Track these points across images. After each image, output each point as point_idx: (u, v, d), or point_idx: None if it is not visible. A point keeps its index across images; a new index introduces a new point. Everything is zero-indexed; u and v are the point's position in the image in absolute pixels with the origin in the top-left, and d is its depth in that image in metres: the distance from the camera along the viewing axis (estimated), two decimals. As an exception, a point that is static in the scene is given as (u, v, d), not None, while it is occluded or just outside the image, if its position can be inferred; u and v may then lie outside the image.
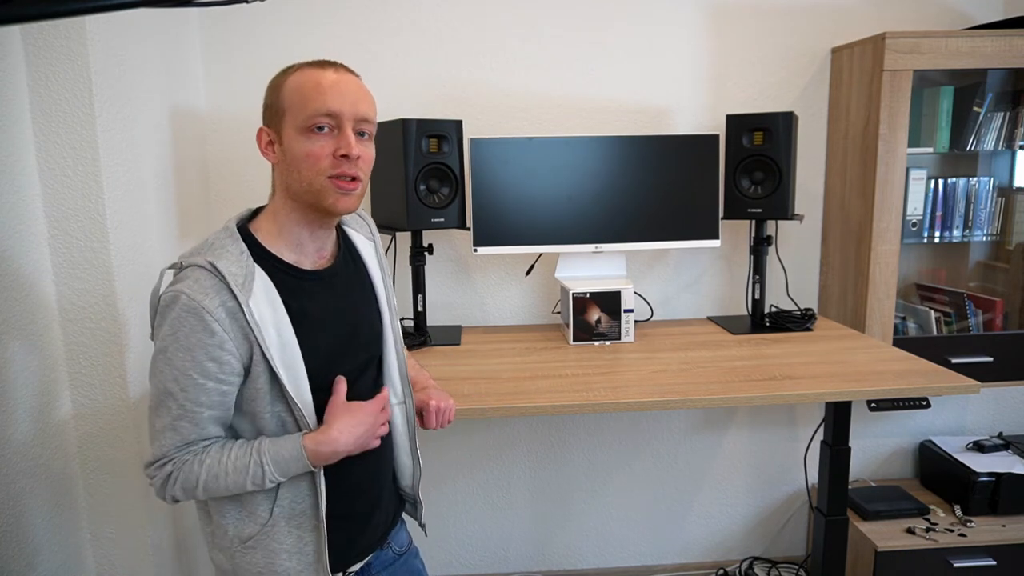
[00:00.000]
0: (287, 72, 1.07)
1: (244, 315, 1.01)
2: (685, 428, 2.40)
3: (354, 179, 1.06)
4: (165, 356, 1.00)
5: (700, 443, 2.41)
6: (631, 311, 1.98)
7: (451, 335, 2.08)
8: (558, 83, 2.18)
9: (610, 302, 1.96)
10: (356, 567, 1.19)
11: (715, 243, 2.07)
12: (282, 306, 1.06)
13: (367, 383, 1.19)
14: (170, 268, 1.05)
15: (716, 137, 2.04)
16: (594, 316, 1.96)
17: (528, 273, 2.27)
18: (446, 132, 1.92)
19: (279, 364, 1.04)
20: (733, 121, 2.03)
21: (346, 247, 1.21)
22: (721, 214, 2.10)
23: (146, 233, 1.69)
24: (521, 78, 2.17)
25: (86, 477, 1.59)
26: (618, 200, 2.03)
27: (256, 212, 1.15)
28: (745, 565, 2.48)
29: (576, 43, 2.17)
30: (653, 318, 2.31)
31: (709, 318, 2.29)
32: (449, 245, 2.24)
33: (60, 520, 1.51)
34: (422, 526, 1.34)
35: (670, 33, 2.18)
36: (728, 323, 2.17)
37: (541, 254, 2.23)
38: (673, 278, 2.33)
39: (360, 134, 1.07)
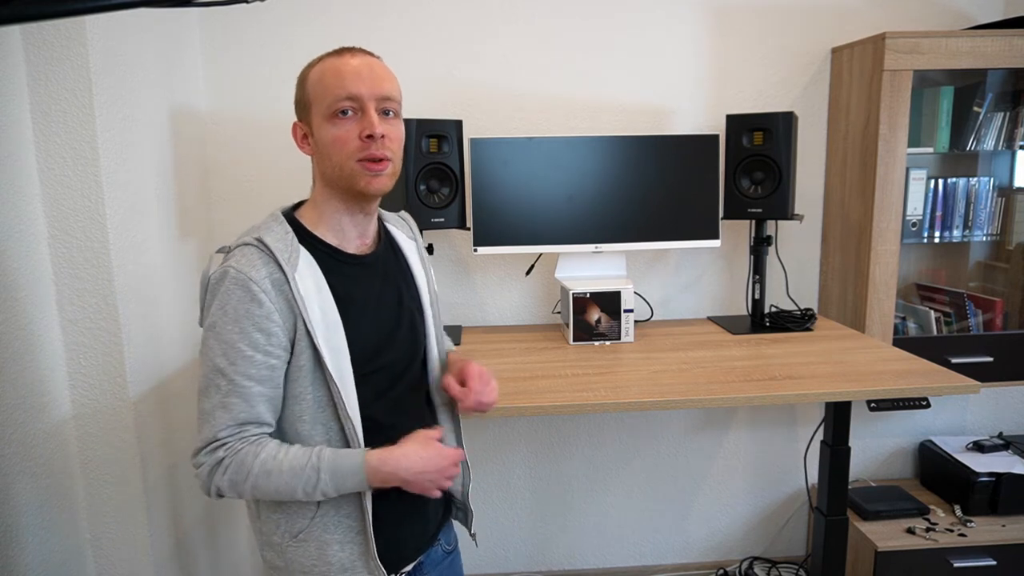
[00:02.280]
0: (310, 66, 1.10)
1: (290, 287, 1.03)
2: (685, 428, 2.40)
3: (382, 160, 1.06)
4: (214, 332, 1.01)
5: (700, 443, 2.41)
6: (631, 311, 1.98)
7: (451, 335, 2.08)
8: (558, 83, 2.18)
9: (610, 302, 1.96)
10: (408, 567, 1.18)
11: (715, 243, 2.07)
12: (326, 286, 1.07)
13: (412, 379, 1.19)
14: (219, 251, 1.08)
15: (716, 137, 2.04)
16: (594, 316, 1.96)
17: (528, 273, 2.27)
18: (446, 132, 1.92)
19: (322, 343, 1.04)
20: (733, 121, 2.03)
21: (387, 239, 1.22)
22: (721, 214, 2.10)
23: (146, 233, 1.69)
24: (521, 78, 2.17)
25: (86, 477, 1.59)
26: (618, 200, 2.03)
27: (299, 205, 1.17)
28: (745, 565, 2.48)
29: (576, 43, 2.17)
30: (653, 318, 2.31)
31: (709, 318, 2.29)
32: (449, 245, 2.24)
33: (60, 520, 1.51)
34: (472, 536, 1.32)
35: (670, 33, 2.18)
36: (728, 323, 2.17)
37: (541, 254, 2.23)
38: (673, 278, 2.33)
39: (385, 113, 1.07)
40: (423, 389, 1.25)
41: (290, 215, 1.12)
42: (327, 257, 1.10)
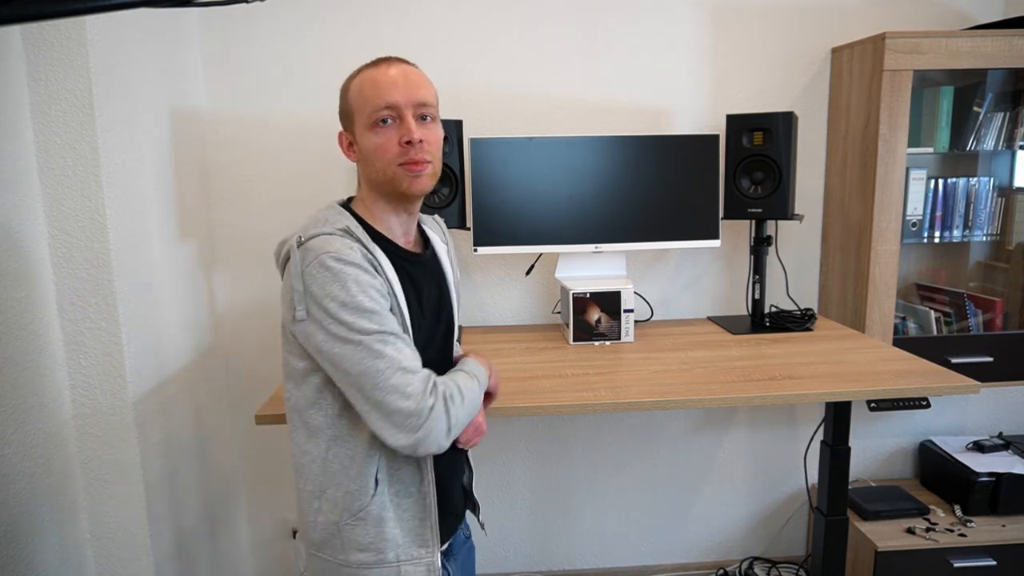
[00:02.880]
0: (351, 77, 1.15)
1: (383, 270, 1.07)
2: (685, 428, 2.40)
3: (421, 162, 1.11)
4: (347, 308, 1.01)
5: (700, 443, 2.41)
6: (631, 311, 1.98)
7: (451, 335, 2.08)
8: (558, 83, 2.18)
9: (610, 302, 1.96)
10: (444, 546, 1.24)
11: (715, 243, 2.07)
12: (396, 277, 1.11)
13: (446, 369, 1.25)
14: (294, 243, 1.06)
15: (716, 137, 2.04)
16: (594, 316, 1.96)
17: (528, 273, 2.27)
18: (446, 132, 1.90)
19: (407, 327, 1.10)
20: (733, 121, 2.03)
21: (425, 240, 1.27)
22: (721, 214, 2.10)
23: (146, 233, 1.70)
24: (521, 78, 2.17)
25: (86, 477, 1.59)
26: (618, 200, 2.03)
27: (348, 201, 1.21)
28: (745, 565, 2.48)
29: (576, 43, 2.17)
30: (653, 318, 2.31)
31: (709, 318, 2.29)
32: (449, 245, 2.24)
33: (60, 520, 1.51)
34: (481, 525, 1.40)
35: (670, 33, 2.18)
36: (728, 323, 2.17)
37: (541, 254, 2.23)
38: (673, 278, 2.33)
39: (423, 118, 1.12)
40: None
41: (348, 207, 1.17)
42: (391, 252, 1.14)
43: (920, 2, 2.21)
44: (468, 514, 1.38)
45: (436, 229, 1.33)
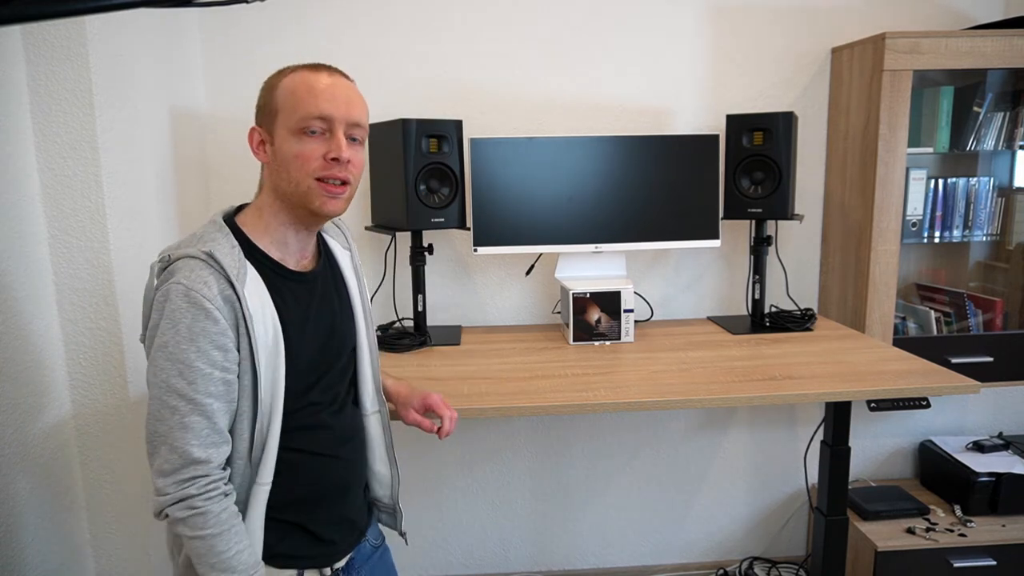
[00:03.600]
0: (281, 73, 1.08)
1: (240, 305, 1.00)
2: (685, 428, 2.40)
3: (343, 183, 1.07)
4: (166, 352, 0.97)
5: (700, 443, 2.41)
6: (631, 311, 1.98)
7: (451, 335, 2.08)
8: (558, 83, 2.18)
9: (610, 302, 1.96)
10: (343, 562, 1.21)
11: (715, 243, 2.07)
12: (271, 304, 1.05)
13: (342, 392, 1.20)
14: (158, 262, 1.02)
15: (716, 137, 2.04)
16: (594, 316, 1.96)
17: (528, 273, 2.27)
18: (446, 132, 1.92)
19: (263, 366, 1.03)
20: (733, 121, 2.03)
21: (325, 253, 1.22)
22: (721, 214, 2.10)
23: (146, 233, 1.70)
24: (521, 78, 2.17)
25: (86, 477, 1.59)
26: (618, 200, 2.03)
27: (239, 209, 1.14)
28: (745, 565, 2.48)
29: (576, 43, 2.17)
30: (653, 318, 2.31)
31: (709, 318, 2.29)
32: (449, 245, 2.24)
33: (60, 520, 1.51)
34: (402, 534, 1.36)
35: (670, 33, 2.18)
36: (728, 323, 2.17)
37: (541, 254, 2.23)
38: (673, 278, 2.33)
39: (351, 139, 1.08)
40: (350, 409, 1.24)
41: (232, 223, 1.09)
42: (271, 273, 1.08)
43: (920, 2, 2.21)
44: (381, 523, 1.36)
45: (338, 235, 1.27)
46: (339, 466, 1.17)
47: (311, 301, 1.13)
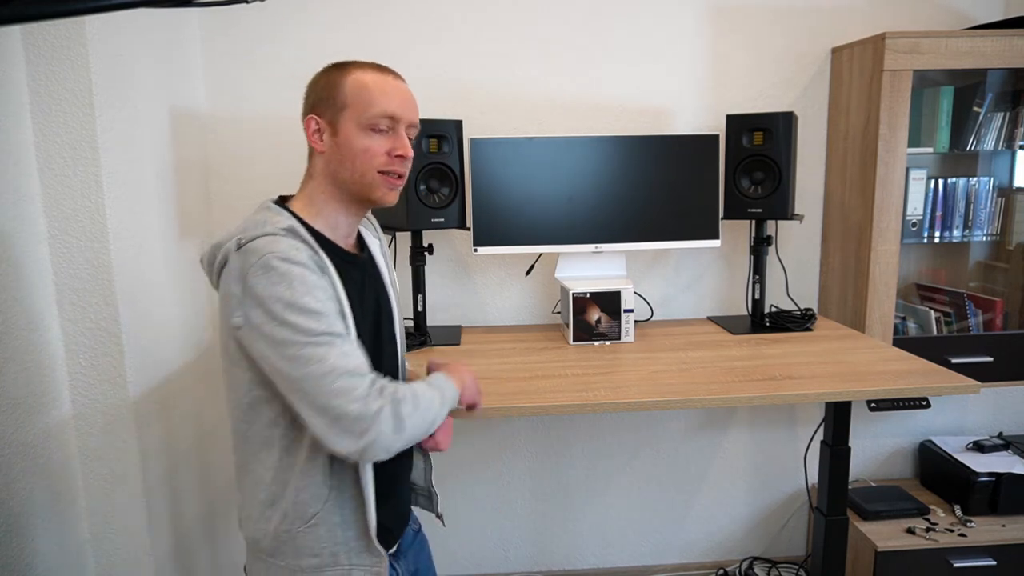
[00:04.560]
0: (345, 68, 1.11)
1: (329, 272, 1.04)
2: (685, 428, 2.40)
3: (399, 176, 1.14)
4: (293, 308, 0.97)
5: (700, 443, 2.41)
6: (631, 311, 1.98)
7: (451, 335, 2.08)
8: (558, 83, 2.18)
9: (610, 302, 1.96)
10: (394, 548, 1.26)
11: (715, 243, 2.07)
12: (339, 280, 1.08)
13: (396, 377, 1.24)
14: (234, 247, 1.02)
15: (716, 137, 2.04)
16: (594, 316, 1.96)
17: (528, 273, 2.27)
18: (446, 132, 1.92)
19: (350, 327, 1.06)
20: (733, 121, 2.03)
21: (360, 240, 1.25)
22: (721, 214, 2.10)
23: (146, 233, 1.70)
24: (521, 78, 2.17)
25: (86, 477, 1.59)
26: (618, 200, 2.03)
27: (284, 200, 1.17)
28: (745, 565, 2.48)
29: (576, 43, 2.17)
30: (653, 318, 2.31)
31: (709, 318, 2.29)
32: (449, 245, 2.24)
33: (60, 520, 1.51)
34: (439, 516, 1.39)
35: (670, 33, 2.18)
36: (728, 323, 2.17)
37: (541, 254, 2.23)
38: (673, 278, 2.33)
39: (409, 138, 1.15)
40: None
41: (287, 208, 1.12)
42: (333, 253, 1.11)
43: (920, 2, 2.21)
44: (419, 506, 1.41)
45: (368, 225, 1.31)
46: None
47: (364, 283, 1.17)
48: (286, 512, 1.09)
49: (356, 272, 1.15)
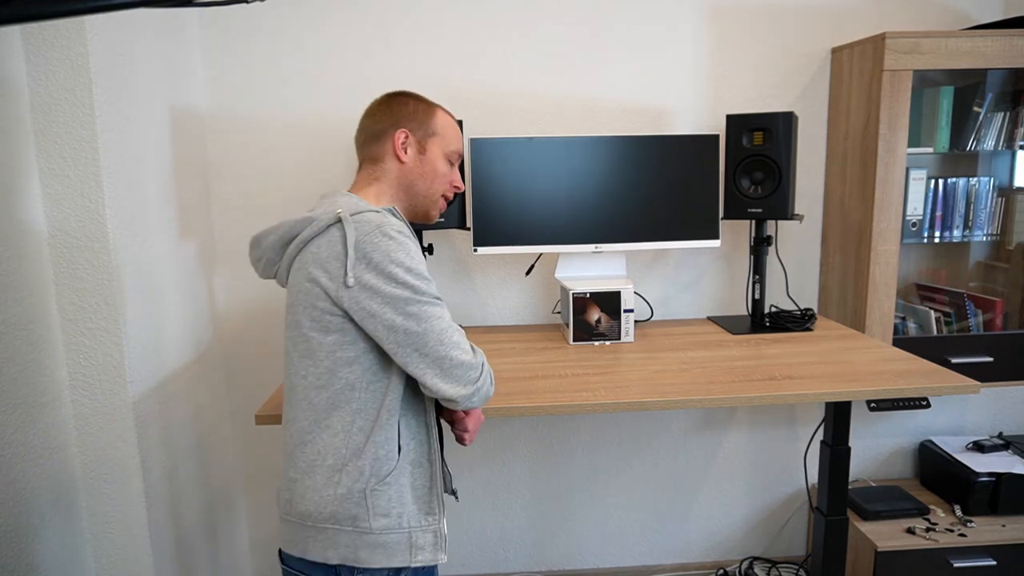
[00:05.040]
0: (430, 103, 1.30)
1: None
2: (685, 428, 2.40)
3: (450, 203, 1.38)
4: (411, 274, 1.09)
5: (700, 443, 2.41)
6: (631, 311, 1.98)
7: (451, 335, 2.08)
8: (558, 83, 2.18)
9: (610, 302, 1.96)
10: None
11: (715, 243, 2.07)
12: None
13: None
14: (349, 215, 1.12)
15: (716, 137, 2.04)
16: (594, 316, 1.96)
17: (528, 273, 2.27)
18: (446, 132, 1.92)
19: None
20: (733, 121, 2.03)
21: None
22: (721, 214, 2.10)
23: (146, 233, 1.70)
24: (521, 78, 2.17)
25: (86, 477, 1.59)
26: (618, 200, 2.03)
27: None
28: (745, 565, 2.48)
29: (576, 43, 2.17)
30: (653, 318, 2.31)
31: (709, 318, 2.29)
32: (449, 245, 2.24)
33: (60, 520, 1.51)
34: (453, 492, 1.43)
35: (670, 33, 2.18)
36: (728, 323, 2.17)
37: (541, 254, 2.23)
38: (673, 278, 2.33)
39: None
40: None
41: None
42: None
43: (920, 2, 2.21)
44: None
45: None
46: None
47: None
48: (362, 471, 1.13)
49: None
